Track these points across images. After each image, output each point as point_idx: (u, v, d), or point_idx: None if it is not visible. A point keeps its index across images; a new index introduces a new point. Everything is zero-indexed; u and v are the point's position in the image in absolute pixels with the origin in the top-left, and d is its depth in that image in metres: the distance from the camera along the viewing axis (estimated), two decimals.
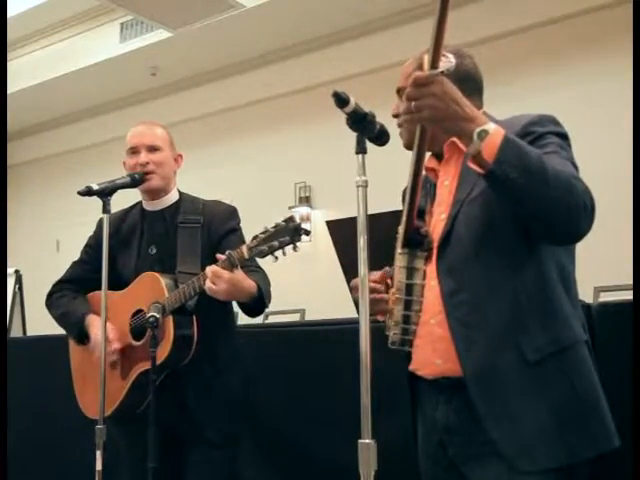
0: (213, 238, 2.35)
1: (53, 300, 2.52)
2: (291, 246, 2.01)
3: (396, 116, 1.67)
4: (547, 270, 1.50)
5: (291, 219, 2.02)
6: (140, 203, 2.50)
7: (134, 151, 2.39)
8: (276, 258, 2.03)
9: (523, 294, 1.48)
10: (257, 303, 2.18)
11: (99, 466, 2.15)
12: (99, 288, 2.33)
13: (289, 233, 1.99)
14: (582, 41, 5.16)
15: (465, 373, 1.47)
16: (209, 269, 2.08)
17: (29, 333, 4.95)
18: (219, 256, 2.09)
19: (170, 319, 2.19)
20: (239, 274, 2.09)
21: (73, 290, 2.51)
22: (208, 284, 2.07)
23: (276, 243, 2.00)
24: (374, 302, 1.62)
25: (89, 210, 3.35)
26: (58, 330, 2.58)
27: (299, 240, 2.00)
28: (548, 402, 1.43)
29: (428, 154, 1.67)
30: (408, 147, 1.52)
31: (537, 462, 1.41)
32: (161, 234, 2.40)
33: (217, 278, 2.05)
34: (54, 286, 2.55)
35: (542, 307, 1.47)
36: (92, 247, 2.49)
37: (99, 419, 2.17)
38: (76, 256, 2.60)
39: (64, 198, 6.41)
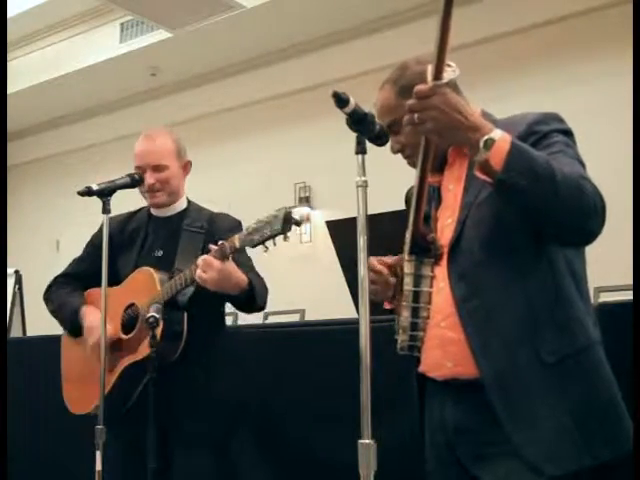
0: None
1: (51, 293, 2.54)
2: (282, 236, 2.01)
3: (398, 152, 1.65)
4: (559, 271, 1.49)
5: (283, 209, 2.03)
6: (147, 207, 2.52)
7: (140, 170, 2.41)
8: (266, 248, 2.04)
9: (537, 296, 1.47)
10: (248, 298, 2.19)
11: (99, 466, 2.15)
12: (96, 286, 2.34)
13: (280, 223, 2.00)
14: (582, 41, 5.16)
15: (483, 378, 1.47)
16: (201, 258, 2.10)
17: (29, 333, 4.94)
18: (211, 246, 2.11)
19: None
20: (230, 265, 2.11)
21: (71, 285, 2.52)
22: (198, 272, 2.09)
23: (267, 232, 2.01)
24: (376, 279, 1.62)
25: (89, 210, 3.34)
26: (58, 330, 2.59)
27: (289, 230, 2.01)
28: (568, 404, 1.43)
29: None
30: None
31: (562, 466, 1.41)
32: (166, 238, 2.42)
33: (207, 267, 2.07)
34: (52, 280, 2.57)
35: (556, 308, 1.47)
36: (94, 245, 2.50)
37: (99, 418, 2.17)
38: (76, 256, 2.61)
39: (64, 198, 6.41)
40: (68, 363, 2.53)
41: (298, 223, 2.04)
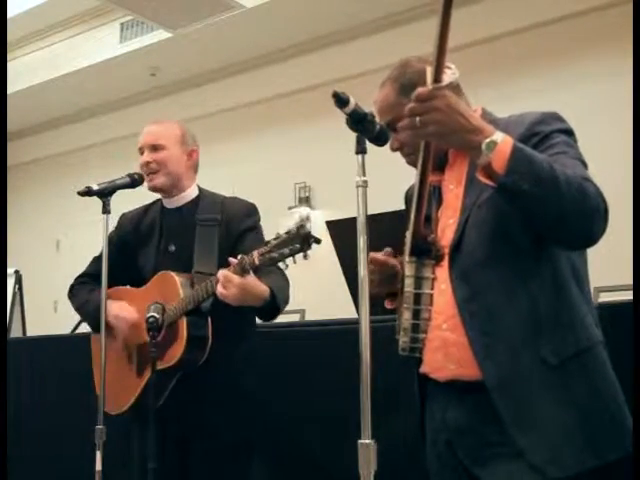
0: (231, 236, 2.34)
1: (74, 292, 2.55)
2: (301, 254, 1.98)
3: (397, 149, 1.65)
4: (561, 271, 1.49)
5: (302, 227, 1.99)
6: (160, 200, 2.50)
7: (140, 152, 2.41)
8: (286, 266, 2.02)
9: (539, 297, 1.47)
10: (270, 308, 2.19)
11: (99, 466, 2.15)
12: (118, 284, 2.38)
13: (300, 241, 1.96)
14: (582, 41, 5.16)
15: (487, 381, 1.46)
16: (221, 273, 2.08)
17: (29, 333, 4.94)
18: (231, 260, 2.09)
19: (184, 320, 2.20)
20: (250, 279, 2.07)
21: (91, 284, 2.51)
22: (219, 289, 2.07)
23: (287, 251, 1.97)
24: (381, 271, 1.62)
25: (89, 210, 3.35)
26: (58, 330, 2.59)
27: (309, 249, 1.97)
28: (573, 405, 1.43)
29: None
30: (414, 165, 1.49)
31: (565, 469, 1.41)
32: (179, 231, 2.41)
33: (228, 283, 2.05)
34: (75, 280, 2.58)
35: (559, 310, 1.47)
36: (112, 243, 2.47)
37: (98, 419, 2.18)
38: (76, 256, 2.61)
39: (64, 198, 6.40)
40: (99, 362, 2.52)
41: (318, 241, 1.98)
